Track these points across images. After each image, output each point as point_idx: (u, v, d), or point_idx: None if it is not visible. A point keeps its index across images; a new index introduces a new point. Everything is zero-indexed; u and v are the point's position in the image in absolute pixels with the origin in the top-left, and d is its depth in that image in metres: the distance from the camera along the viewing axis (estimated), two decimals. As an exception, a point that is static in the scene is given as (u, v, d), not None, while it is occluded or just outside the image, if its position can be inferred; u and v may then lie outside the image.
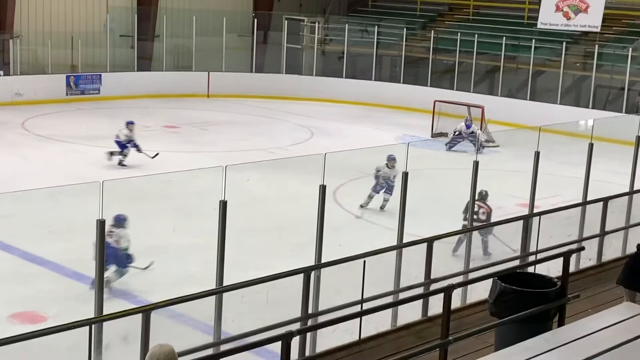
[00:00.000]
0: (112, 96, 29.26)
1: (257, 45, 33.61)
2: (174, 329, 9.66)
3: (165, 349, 4.96)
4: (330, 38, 34.86)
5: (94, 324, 7.41)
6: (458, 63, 31.32)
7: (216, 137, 24.71)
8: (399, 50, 32.87)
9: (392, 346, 8.71)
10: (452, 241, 10.59)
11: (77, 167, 19.15)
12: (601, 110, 27.22)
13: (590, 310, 8.97)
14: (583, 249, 10.51)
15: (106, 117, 26.64)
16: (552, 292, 7.69)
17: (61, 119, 25.93)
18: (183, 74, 31.91)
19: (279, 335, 6.33)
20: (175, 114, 27.73)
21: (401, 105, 30.81)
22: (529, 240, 11.18)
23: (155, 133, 24.78)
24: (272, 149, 22.39)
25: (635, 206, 13.22)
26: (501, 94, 29.87)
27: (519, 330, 7.21)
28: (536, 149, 11.52)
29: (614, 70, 29.09)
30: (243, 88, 31.67)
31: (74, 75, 29.24)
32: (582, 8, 29.83)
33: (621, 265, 11.84)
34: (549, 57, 30.47)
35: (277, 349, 6.28)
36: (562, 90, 29.04)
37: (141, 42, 31.47)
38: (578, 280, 10.70)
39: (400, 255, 10.02)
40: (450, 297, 7.21)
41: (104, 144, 22.29)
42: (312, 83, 32.22)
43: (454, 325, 7.54)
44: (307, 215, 9.61)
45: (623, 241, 12.85)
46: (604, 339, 6.67)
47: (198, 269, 11.82)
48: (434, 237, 9.82)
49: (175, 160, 20.64)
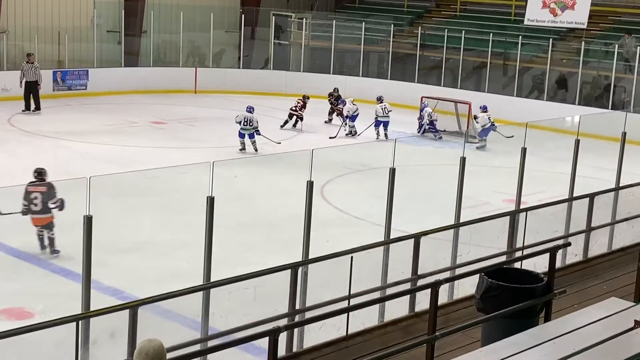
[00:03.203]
0: (99, 92, 29.19)
1: (244, 41, 33.59)
2: (161, 325, 9.66)
3: (154, 344, 4.97)
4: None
5: (81, 320, 7.41)
6: (445, 59, 31.36)
7: (203, 133, 24.68)
8: (386, 47, 32.90)
9: (379, 342, 8.74)
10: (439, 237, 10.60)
11: (64, 163, 19.08)
12: (587, 107, 27.32)
13: (576, 306, 9.02)
14: (569, 245, 10.56)
15: (93, 112, 26.58)
16: (538, 287, 7.73)
17: (48, 115, 25.84)
18: (170, 70, 31.85)
19: (266, 331, 6.35)
20: (163, 110, 27.67)
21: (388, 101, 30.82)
22: (515, 236, 11.22)
23: (142, 129, 24.74)
24: (260, 145, 22.37)
25: (621, 202, 13.29)
26: (488, 90, 29.92)
27: (506, 326, 7.25)
28: (523, 145, 11.56)
29: (601, 66, 29.19)
30: (230, 84, 31.64)
31: (60, 70, 29.14)
32: (568, 5, 29.91)
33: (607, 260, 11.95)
34: (535, 54, 30.55)
35: (265, 345, 6.29)
36: (548, 86, 29.14)
37: (128, 37, 31.36)
38: (564, 275, 10.76)
39: (387, 251, 10.04)
40: (437, 292, 7.24)
41: (91, 140, 22.27)
42: (299, 79, 32.19)
43: (440, 321, 7.58)
44: (295, 211, 9.62)
45: (609, 237, 12.92)
46: (590, 335, 6.70)
47: (185, 265, 11.80)
48: (421, 232, 9.85)
49: (162, 156, 20.62)
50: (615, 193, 13.23)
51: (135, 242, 14.03)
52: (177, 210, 15.61)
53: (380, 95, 25.90)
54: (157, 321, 9.28)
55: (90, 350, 7.73)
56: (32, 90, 26.04)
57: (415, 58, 31.86)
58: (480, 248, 11.21)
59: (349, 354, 8.44)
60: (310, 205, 9.09)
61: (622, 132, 13.24)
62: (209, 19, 32.03)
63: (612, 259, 12.11)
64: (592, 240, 12.44)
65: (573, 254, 12.03)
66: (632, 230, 13.05)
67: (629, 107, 26.21)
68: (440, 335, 7.17)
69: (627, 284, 10.11)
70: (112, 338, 8.45)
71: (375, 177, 15.31)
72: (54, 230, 13.52)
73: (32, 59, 26.38)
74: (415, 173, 18.62)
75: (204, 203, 8.20)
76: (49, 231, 13.50)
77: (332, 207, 16.73)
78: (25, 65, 26.25)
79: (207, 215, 8.23)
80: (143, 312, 7.50)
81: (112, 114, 26.14)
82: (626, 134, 13.24)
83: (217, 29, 32.85)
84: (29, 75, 26.01)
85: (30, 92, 26.01)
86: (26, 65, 26.24)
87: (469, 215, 11.27)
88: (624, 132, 13.22)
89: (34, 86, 26.10)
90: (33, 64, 26.26)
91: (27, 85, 26.01)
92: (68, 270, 12.43)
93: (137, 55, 31.93)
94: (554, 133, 19.62)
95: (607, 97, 28.00)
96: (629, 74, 27.83)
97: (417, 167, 19.79)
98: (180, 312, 10.02)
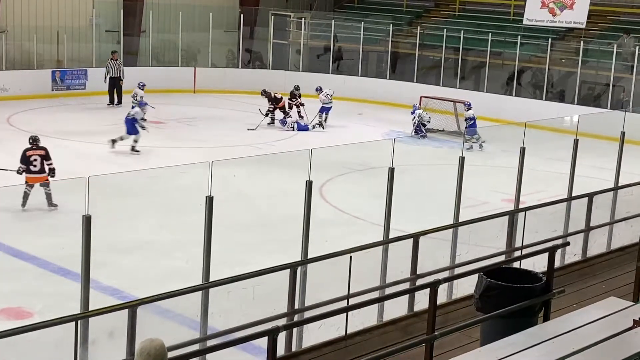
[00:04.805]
0: (98, 91, 29.12)
1: (243, 41, 33.58)
2: (160, 324, 9.66)
3: (156, 343, 4.98)
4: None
5: (80, 319, 7.41)
6: (444, 59, 31.36)
7: (202, 132, 24.68)
8: (385, 46, 32.89)
9: (378, 341, 8.74)
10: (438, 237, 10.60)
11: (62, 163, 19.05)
12: (586, 106, 27.32)
13: (575, 306, 9.03)
14: (568, 244, 10.59)
15: (92, 112, 26.58)
16: (537, 287, 7.73)
17: (47, 115, 25.83)
18: (169, 70, 31.84)
19: (265, 330, 6.35)
20: (161, 110, 27.65)
21: (387, 101, 30.86)
22: (514, 236, 11.23)
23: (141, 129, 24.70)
24: (259, 145, 22.38)
25: (620, 202, 13.29)
26: (487, 90, 29.92)
27: (505, 326, 7.25)
28: (522, 144, 11.56)
29: (599, 66, 29.19)
30: (229, 83, 31.63)
31: (59, 70, 29.12)
32: (567, 4, 29.91)
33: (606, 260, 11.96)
34: (534, 53, 30.55)
35: (264, 345, 6.29)
36: (547, 86, 29.15)
37: (127, 37, 31.35)
38: (563, 275, 10.77)
39: (386, 250, 10.04)
40: (436, 292, 7.24)
41: (90, 140, 22.26)
42: (298, 79, 32.18)
43: (439, 321, 7.58)
44: (294, 210, 9.62)
45: (608, 236, 12.93)
46: (589, 334, 6.71)
47: (184, 265, 11.80)
48: (420, 232, 9.85)
49: (161, 156, 20.62)
50: (614, 193, 13.24)
51: (134, 241, 14.02)
52: (176, 209, 15.61)
53: (319, 86, 27.53)
54: (156, 321, 9.28)
55: (89, 350, 7.73)
56: (115, 86, 28.01)
57: (414, 58, 31.86)
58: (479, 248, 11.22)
59: (347, 354, 8.43)
60: (309, 205, 9.09)
61: (620, 131, 13.24)
62: (208, 19, 32.03)
63: (611, 258, 12.12)
64: (591, 240, 12.45)
65: (572, 253, 12.04)
66: (631, 229, 13.05)
67: (627, 106, 26.20)
68: (439, 335, 7.18)
69: (626, 283, 10.12)
70: (111, 338, 8.46)
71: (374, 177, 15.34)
72: (50, 187, 15.40)
73: (115, 56, 28.50)
74: (414, 173, 18.63)
75: (203, 203, 8.20)
76: (46, 187, 15.40)
77: (331, 206, 16.74)
78: (110, 62, 28.22)
79: (206, 214, 8.23)
80: (142, 312, 7.50)
81: (111, 114, 26.12)
82: (625, 133, 13.24)
83: (216, 28, 32.83)
84: (112, 72, 28.04)
85: (114, 87, 27.98)
86: (110, 62, 28.21)
87: (468, 215, 11.27)
88: (622, 131, 13.22)
89: (117, 82, 28.06)
90: (117, 61, 28.31)
91: (111, 80, 27.99)
92: (67, 270, 12.41)
93: (136, 54, 31.92)
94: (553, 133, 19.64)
95: (606, 96, 28.02)
96: (628, 74, 27.83)
97: (416, 166, 19.80)
98: (180, 312, 10.02)
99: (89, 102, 28.09)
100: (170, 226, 14.76)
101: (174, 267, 12.58)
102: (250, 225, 15.28)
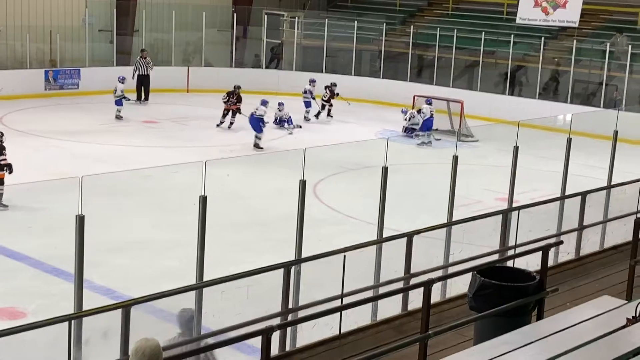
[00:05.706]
0: (91, 91, 29.09)
1: (236, 40, 33.55)
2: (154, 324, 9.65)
3: (151, 343, 4.98)
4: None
5: (73, 319, 7.39)
6: (437, 58, 31.38)
7: (196, 132, 24.66)
8: (378, 45, 32.90)
9: (372, 340, 8.74)
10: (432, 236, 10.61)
11: (56, 163, 19.06)
12: (579, 105, 27.37)
13: (568, 304, 9.04)
14: (561, 243, 10.59)
15: (85, 112, 26.52)
16: (531, 285, 7.74)
17: (40, 114, 25.79)
18: (162, 69, 31.73)
19: (259, 330, 6.35)
20: (155, 109, 27.64)
21: (381, 100, 30.87)
22: (507, 235, 11.24)
23: (134, 128, 24.72)
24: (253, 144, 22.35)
25: (613, 200, 13.32)
26: (480, 89, 29.95)
27: (498, 324, 7.26)
28: (515, 143, 11.58)
29: (592, 65, 29.25)
30: (223, 83, 31.58)
31: (52, 70, 29.06)
32: (560, 3, 29.96)
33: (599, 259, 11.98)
34: (527, 52, 30.59)
35: (258, 344, 6.29)
36: (540, 85, 29.19)
37: (120, 36, 31.26)
38: (557, 274, 10.79)
39: (380, 249, 10.04)
40: (430, 291, 7.25)
41: (83, 139, 22.22)
42: (292, 78, 32.17)
43: (433, 319, 7.59)
44: (287, 210, 9.62)
45: (601, 235, 12.95)
46: (582, 333, 6.72)
47: (178, 265, 11.79)
48: (414, 231, 9.85)
49: (154, 156, 20.60)
50: (607, 191, 13.27)
51: (127, 241, 14.01)
52: (169, 209, 15.61)
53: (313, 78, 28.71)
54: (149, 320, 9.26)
55: (82, 350, 7.72)
56: (143, 83, 28.88)
57: (407, 57, 31.87)
58: (472, 246, 11.23)
59: (341, 353, 8.44)
60: (302, 204, 9.09)
61: (613, 130, 13.28)
62: (201, 18, 31.99)
63: (604, 257, 12.14)
64: (584, 239, 12.47)
65: (565, 252, 12.06)
66: (624, 228, 13.06)
67: (620, 105, 26.25)
68: (432, 334, 7.18)
69: (619, 282, 10.14)
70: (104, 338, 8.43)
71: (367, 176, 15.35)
72: (3, 186, 15.21)
73: (145, 55, 29.25)
74: (408, 172, 18.64)
75: (197, 202, 8.20)
76: None
77: (325, 206, 16.74)
78: (139, 60, 29.06)
79: (200, 214, 8.23)
80: (136, 312, 7.49)
81: (104, 113, 26.07)
82: (618, 132, 13.27)
83: (209, 27, 32.78)
84: (141, 69, 28.85)
85: (142, 84, 28.83)
86: (140, 60, 29.05)
87: (461, 214, 11.29)
88: (615, 130, 13.26)
89: (145, 79, 28.98)
90: (146, 59, 29.07)
91: (139, 78, 28.83)
92: (60, 270, 12.40)
93: (129, 54, 31.84)
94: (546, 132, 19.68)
95: (598, 95, 28.07)
96: (621, 73, 27.88)
97: (409, 165, 19.81)
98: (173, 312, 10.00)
99: (82, 102, 28.04)
100: (164, 226, 14.74)
101: (168, 267, 12.57)
102: (244, 225, 15.27)
